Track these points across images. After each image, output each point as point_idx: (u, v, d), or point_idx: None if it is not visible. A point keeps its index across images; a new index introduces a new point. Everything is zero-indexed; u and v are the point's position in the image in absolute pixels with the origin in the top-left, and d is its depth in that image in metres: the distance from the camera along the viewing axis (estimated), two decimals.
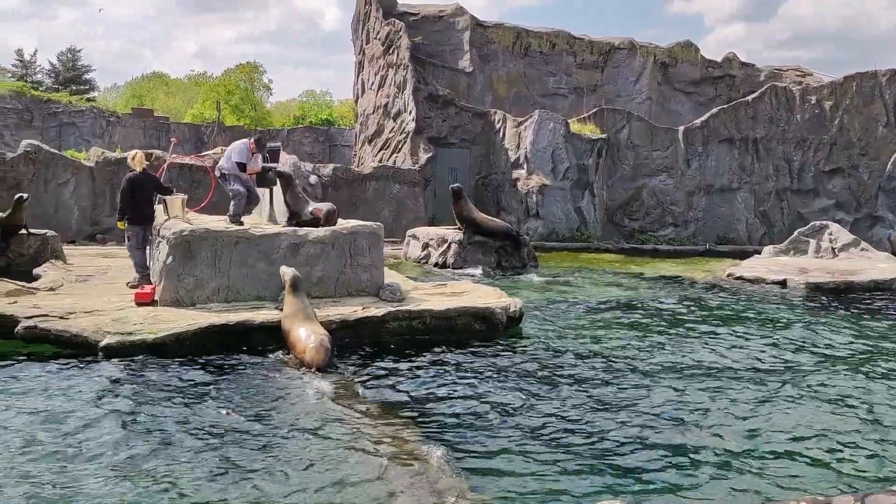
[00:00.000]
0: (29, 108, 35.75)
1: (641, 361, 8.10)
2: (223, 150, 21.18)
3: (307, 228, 9.86)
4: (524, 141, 22.37)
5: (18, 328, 7.78)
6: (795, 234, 18.01)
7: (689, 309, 11.69)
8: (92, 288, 10.19)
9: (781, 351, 8.85)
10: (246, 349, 7.88)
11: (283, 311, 8.17)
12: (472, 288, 10.73)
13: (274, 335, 7.97)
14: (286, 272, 8.44)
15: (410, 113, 23.57)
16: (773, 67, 28.85)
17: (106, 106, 46.15)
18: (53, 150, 19.93)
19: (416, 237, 17.22)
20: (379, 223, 10.44)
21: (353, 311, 8.77)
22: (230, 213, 10.41)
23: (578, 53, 26.91)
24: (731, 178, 23.52)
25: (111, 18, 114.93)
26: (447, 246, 15.94)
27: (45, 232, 12.46)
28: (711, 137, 23.34)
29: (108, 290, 9.98)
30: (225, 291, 9.11)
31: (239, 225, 9.93)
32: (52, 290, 9.86)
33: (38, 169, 18.22)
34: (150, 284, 9.56)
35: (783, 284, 14.12)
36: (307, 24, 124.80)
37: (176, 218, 9.93)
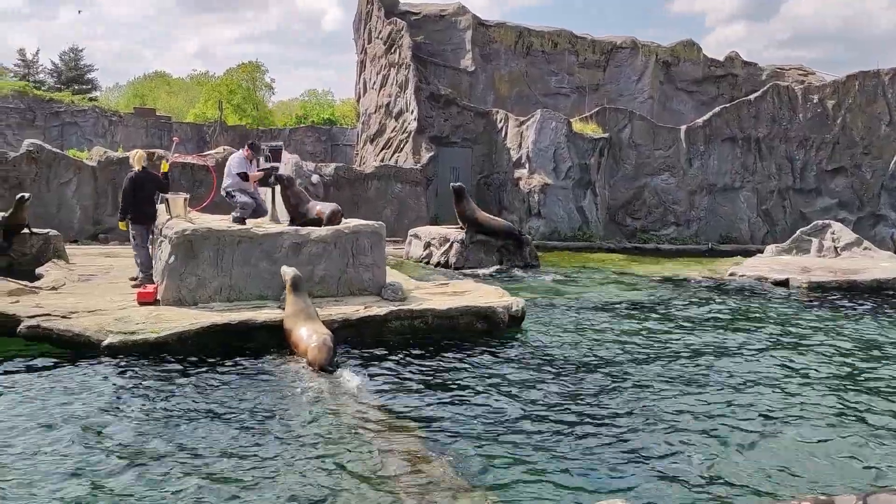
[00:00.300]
0: (31, 107, 35.79)
1: (643, 361, 8.10)
2: (225, 149, 21.28)
3: (309, 228, 9.87)
4: (526, 140, 22.36)
5: (21, 327, 7.78)
6: (798, 233, 18.00)
7: (690, 308, 11.67)
8: (94, 287, 10.20)
9: (783, 350, 8.85)
10: (248, 349, 7.88)
11: (285, 310, 8.17)
12: (473, 287, 10.73)
13: (276, 334, 7.98)
14: (287, 272, 8.44)
15: (412, 112, 23.57)
16: (775, 66, 28.83)
17: (108, 105, 46.20)
18: (56, 149, 19.96)
19: (417, 236, 17.22)
20: (381, 222, 10.44)
21: (355, 310, 8.78)
22: (234, 214, 10.42)
23: (580, 53, 26.91)
24: (733, 177, 23.49)
25: (112, 18, 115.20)
26: (449, 245, 15.95)
27: (47, 231, 12.48)
28: (714, 136, 23.32)
29: (110, 289, 9.99)
30: (227, 291, 9.11)
31: (241, 224, 9.94)
32: (54, 289, 9.87)
33: (40, 168, 18.26)
34: (152, 284, 9.57)
35: (785, 284, 14.11)
36: (308, 23, 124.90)
37: (178, 217, 9.93)
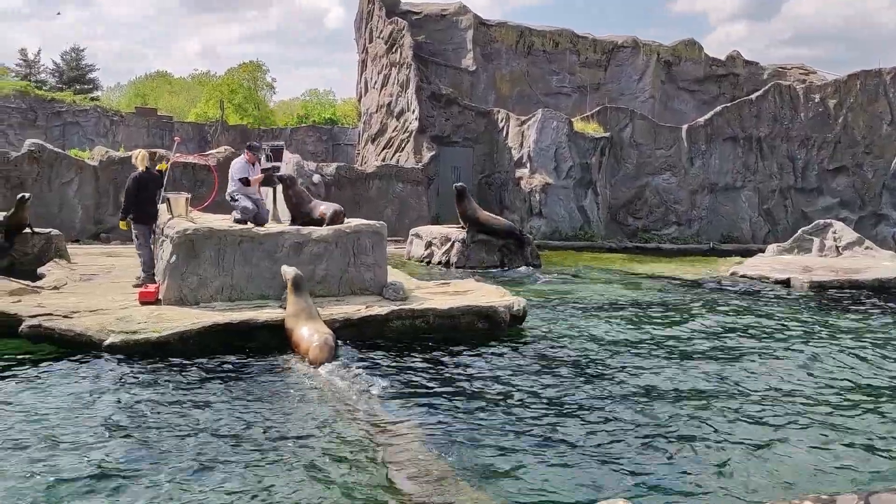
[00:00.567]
0: (33, 107, 35.83)
1: (644, 360, 8.09)
2: (226, 149, 21.28)
3: (311, 227, 9.87)
4: (527, 140, 22.36)
5: (22, 327, 7.79)
6: (799, 232, 17.98)
7: (692, 308, 11.67)
8: (96, 287, 10.21)
9: (785, 350, 8.84)
10: (249, 348, 7.89)
11: (286, 310, 8.18)
12: (475, 287, 10.72)
13: (278, 334, 7.98)
14: (287, 272, 8.44)
15: (413, 112, 23.57)
16: (776, 66, 28.82)
17: (109, 105, 46.24)
18: (57, 149, 19.99)
19: (419, 236, 17.23)
20: (382, 222, 10.43)
21: (356, 309, 8.78)
22: (235, 216, 10.41)
23: (582, 52, 26.91)
24: (734, 176, 23.48)
25: (113, 18, 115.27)
26: (450, 245, 15.96)
27: (49, 231, 12.50)
28: (715, 136, 23.31)
29: (112, 288, 10.00)
30: (229, 290, 9.11)
31: (242, 224, 9.94)
32: (56, 288, 9.88)
33: (42, 168, 18.29)
34: (154, 283, 9.57)
35: (787, 283, 14.10)
36: (310, 22, 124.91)
37: (180, 217, 9.94)
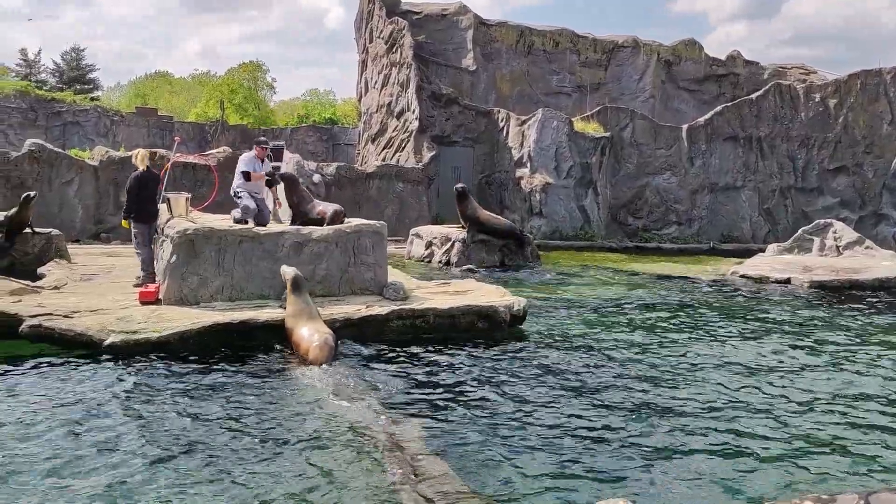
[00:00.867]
0: (33, 107, 35.84)
1: (645, 360, 8.10)
2: (226, 149, 21.28)
3: (311, 227, 9.88)
4: (528, 139, 22.36)
5: (23, 327, 7.79)
6: (800, 232, 17.98)
7: (693, 308, 11.67)
8: (96, 287, 10.21)
9: (785, 349, 8.84)
10: (250, 348, 7.89)
11: (286, 310, 8.17)
12: (475, 286, 10.72)
13: (278, 334, 7.98)
14: (287, 272, 8.43)
15: (414, 111, 23.58)
16: (777, 65, 28.81)
17: (110, 105, 46.25)
18: (57, 149, 20.00)
19: (419, 236, 17.23)
20: (382, 222, 10.44)
21: (356, 309, 8.78)
22: (235, 216, 10.41)
23: (582, 52, 26.91)
24: (735, 176, 23.47)
25: (114, 18, 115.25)
26: (451, 244, 15.96)
27: (49, 231, 12.50)
28: (715, 135, 23.30)
29: (112, 288, 10.00)
30: (229, 290, 9.11)
31: (243, 224, 9.94)
32: (56, 288, 9.88)
33: (42, 168, 18.29)
34: (154, 283, 9.57)
35: (787, 283, 14.10)
36: (310, 22, 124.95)
37: (180, 217, 9.94)
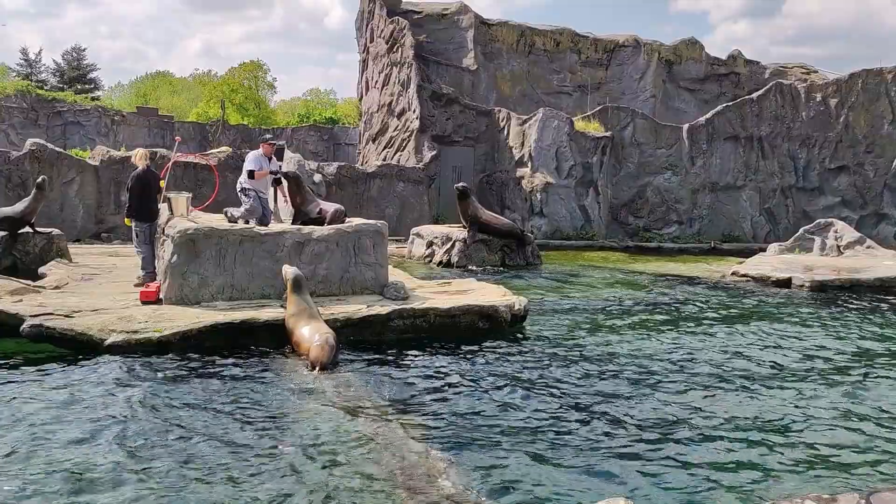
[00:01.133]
0: (34, 107, 35.89)
1: (646, 360, 8.09)
2: (227, 149, 21.29)
3: (311, 227, 9.88)
4: (528, 139, 22.36)
5: (24, 326, 7.79)
6: (801, 231, 17.97)
7: (693, 307, 11.66)
8: (97, 286, 10.21)
9: (786, 350, 8.84)
10: (250, 348, 7.89)
11: (286, 309, 8.18)
12: (476, 286, 10.72)
13: (278, 333, 7.98)
14: (288, 272, 8.43)
15: (414, 111, 23.57)
16: (778, 65, 28.80)
17: (111, 105, 46.35)
18: (58, 148, 20.03)
19: (420, 235, 17.23)
20: (383, 221, 10.45)
21: (357, 309, 8.77)
22: (234, 213, 10.41)
23: (583, 51, 26.91)
24: (735, 175, 23.46)
25: (115, 18, 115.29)
26: (451, 244, 15.96)
27: (50, 231, 12.51)
28: (716, 135, 23.28)
29: (113, 288, 10.00)
30: (230, 290, 9.12)
31: (244, 223, 9.95)
32: (57, 288, 9.89)
33: (43, 167, 18.28)
34: (154, 282, 9.58)
35: (788, 283, 14.08)
36: (311, 22, 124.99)
37: (181, 216, 9.94)
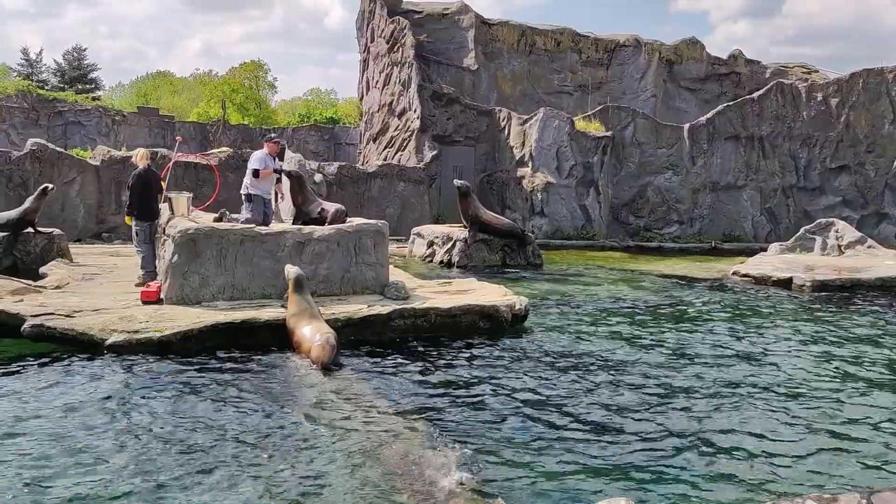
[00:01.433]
0: (35, 107, 35.91)
1: (647, 360, 8.09)
2: (227, 149, 21.31)
3: (312, 227, 9.89)
4: (529, 139, 22.35)
5: (25, 326, 7.80)
6: (801, 231, 17.96)
7: (694, 307, 11.66)
8: (98, 286, 10.22)
9: (787, 350, 8.83)
10: (251, 347, 7.89)
11: (287, 309, 8.18)
12: (477, 286, 10.72)
13: (279, 333, 7.99)
14: (290, 271, 8.44)
15: (415, 111, 23.57)
16: (778, 64, 28.79)
17: (111, 105, 46.39)
18: (59, 148, 20.04)
19: (421, 235, 17.23)
20: (384, 221, 10.45)
21: (358, 309, 8.78)
22: (232, 215, 10.43)
23: (583, 51, 26.90)
24: (736, 175, 23.44)
25: (116, 17, 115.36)
26: (452, 244, 15.95)
27: (51, 231, 12.52)
28: (717, 135, 23.27)
29: (114, 288, 10.01)
30: (230, 289, 9.12)
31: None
32: (58, 288, 9.89)
33: (44, 167, 18.32)
34: (155, 281, 9.58)
35: (789, 282, 14.07)
36: (312, 22, 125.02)
37: (181, 216, 9.95)
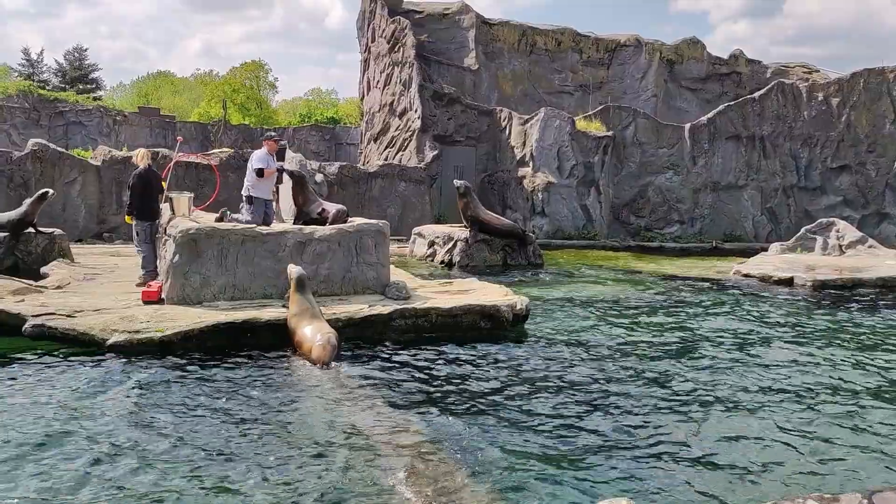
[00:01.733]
0: (36, 107, 35.93)
1: (648, 360, 8.09)
2: (227, 150, 21.33)
3: (313, 227, 9.90)
4: (530, 139, 22.35)
5: (26, 326, 7.81)
6: (802, 231, 17.95)
7: (696, 307, 11.65)
8: (99, 286, 10.23)
9: (788, 349, 8.83)
10: (252, 347, 7.89)
11: (289, 309, 8.18)
12: (478, 286, 10.72)
13: (280, 333, 7.99)
14: (293, 271, 8.44)
15: (416, 111, 23.57)
16: (779, 64, 28.79)
17: (112, 105, 46.41)
18: (60, 148, 20.06)
19: (421, 235, 17.23)
20: (385, 221, 10.46)
21: (359, 309, 8.78)
22: (232, 215, 10.43)
23: (584, 51, 26.91)
24: (737, 175, 23.45)
25: (117, 17, 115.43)
26: (453, 244, 15.96)
27: (52, 231, 12.53)
28: (718, 134, 23.28)
29: (115, 288, 10.02)
30: (231, 289, 9.13)
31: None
32: (59, 288, 9.90)
33: (45, 168, 18.34)
34: (156, 281, 9.59)
35: (790, 282, 14.07)
36: (313, 22, 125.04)
37: (182, 216, 9.96)
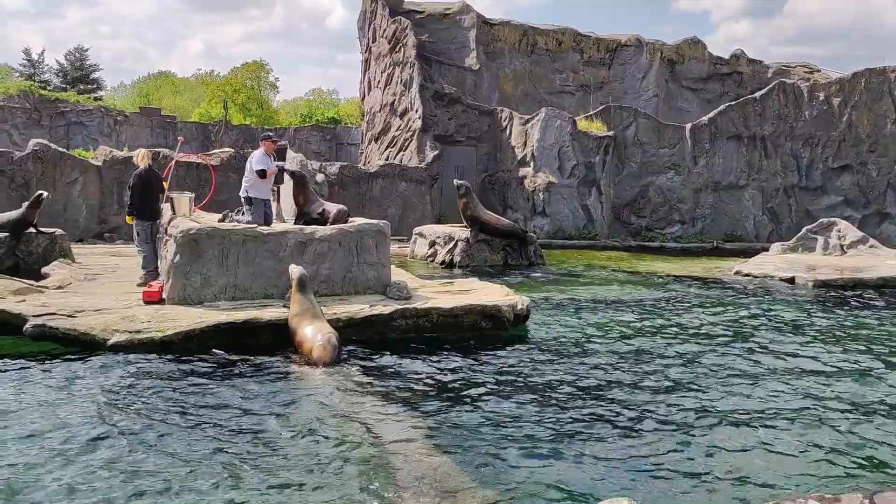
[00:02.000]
0: (37, 107, 35.95)
1: (648, 360, 8.09)
2: (229, 150, 21.32)
3: (314, 227, 9.90)
4: (531, 139, 22.35)
5: (27, 326, 7.81)
6: (803, 231, 17.95)
7: (697, 307, 11.65)
8: (100, 286, 10.23)
9: (789, 349, 8.82)
10: (253, 347, 7.89)
11: (290, 309, 8.18)
12: (478, 286, 10.72)
13: (281, 333, 7.99)
14: (294, 271, 8.44)
15: (417, 111, 23.57)
16: (780, 64, 28.77)
17: (113, 105, 46.43)
18: (61, 149, 20.07)
19: (422, 235, 17.23)
20: (385, 221, 10.46)
21: (360, 309, 8.78)
22: (236, 217, 10.44)
23: (585, 51, 26.90)
24: (738, 175, 23.43)
25: (118, 17, 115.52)
26: (454, 244, 15.95)
27: (53, 231, 12.54)
28: (719, 134, 23.26)
29: (116, 288, 10.02)
30: (232, 289, 9.13)
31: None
32: (60, 288, 9.91)
33: (46, 168, 18.35)
34: (157, 281, 9.59)
35: (791, 282, 14.06)
36: (313, 22, 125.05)
37: (183, 216, 9.96)
